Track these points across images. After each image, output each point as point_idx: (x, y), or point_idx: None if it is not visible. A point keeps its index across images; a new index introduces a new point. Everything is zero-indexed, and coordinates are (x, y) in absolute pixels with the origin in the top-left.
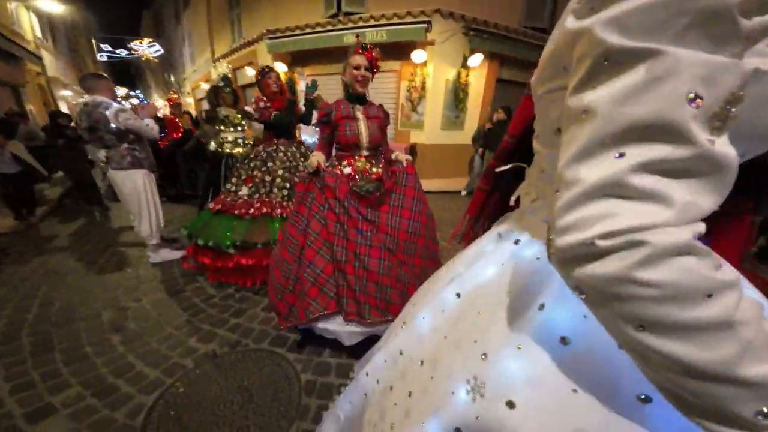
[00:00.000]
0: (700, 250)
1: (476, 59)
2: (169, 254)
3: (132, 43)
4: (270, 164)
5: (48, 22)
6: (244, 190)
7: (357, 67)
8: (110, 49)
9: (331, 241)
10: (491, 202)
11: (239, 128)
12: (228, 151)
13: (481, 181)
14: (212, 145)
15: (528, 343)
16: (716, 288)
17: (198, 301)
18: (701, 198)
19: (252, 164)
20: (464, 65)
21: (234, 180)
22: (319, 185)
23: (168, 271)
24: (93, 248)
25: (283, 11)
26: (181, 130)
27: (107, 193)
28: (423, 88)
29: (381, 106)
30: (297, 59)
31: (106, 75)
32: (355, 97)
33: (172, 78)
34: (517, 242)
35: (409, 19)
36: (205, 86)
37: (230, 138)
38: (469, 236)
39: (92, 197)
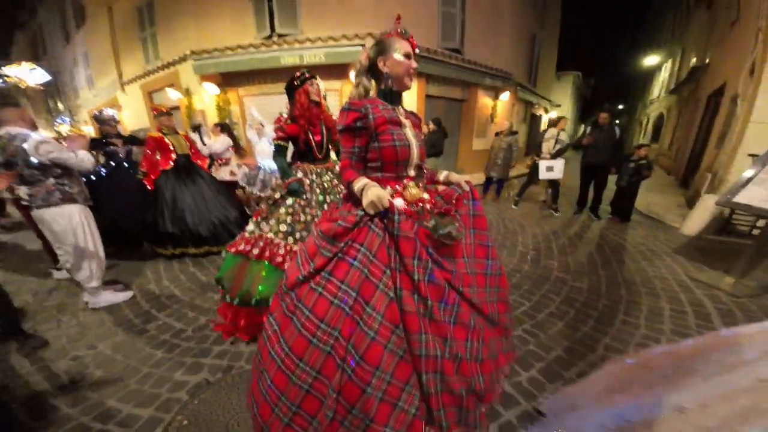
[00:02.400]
0: None
1: None
2: (112, 297)
3: (5, 68)
4: (278, 194)
5: None
6: (251, 226)
7: (407, 55)
8: None
9: (413, 327)
10: None
11: None
12: None
13: None
14: None
15: None
16: None
17: (168, 337)
18: None
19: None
20: None
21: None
22: (379, 234)
23: (117, 313)
24: None
25: (210, 31)
26: (173, 155)
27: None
28: None
29: (413, 111)
30: (228, 80)
31: (19, 103)
32: (395, 96)
33: (60, 105)
34: None
35: (344, 41)
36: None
37: None
38: None
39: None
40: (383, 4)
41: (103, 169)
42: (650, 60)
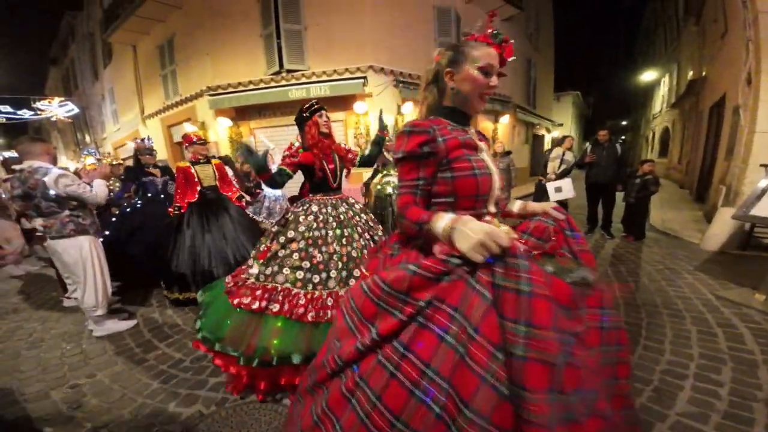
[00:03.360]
0: None
1: (408, 107)
2: (115, 325)
3: (38, 103)
4: (291, 233)
5: None
6: (255, 268)
7: (486, 70)
8: (10, 110)
9: None
10: None
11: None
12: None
13: None
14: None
15: None
16: None
17: (165, 368)
18: None
19: (274, 230)
20: (399, 112)
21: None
22: (485, 296)
23: (119, 342)
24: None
25: (225, 68)
26: (197, 187)
27: None
28: (368, 134)
29: (482, 133)
30: (240, 114)
31: (47, 139)
32: (461, 115)
33: (87, 137)
34: None
35: (347, 75)
36: (132, 144)
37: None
38: None
39: None
40: (383, 38)
41: (139, 201)
42: (647, 76)
